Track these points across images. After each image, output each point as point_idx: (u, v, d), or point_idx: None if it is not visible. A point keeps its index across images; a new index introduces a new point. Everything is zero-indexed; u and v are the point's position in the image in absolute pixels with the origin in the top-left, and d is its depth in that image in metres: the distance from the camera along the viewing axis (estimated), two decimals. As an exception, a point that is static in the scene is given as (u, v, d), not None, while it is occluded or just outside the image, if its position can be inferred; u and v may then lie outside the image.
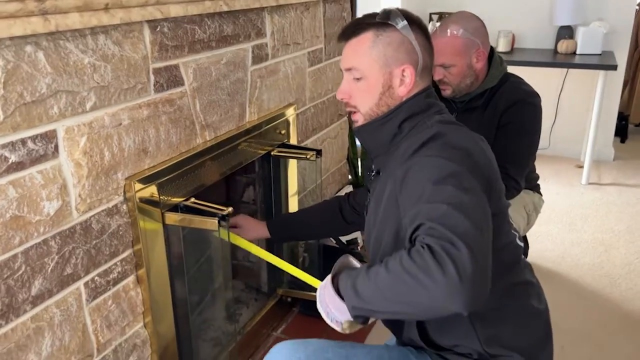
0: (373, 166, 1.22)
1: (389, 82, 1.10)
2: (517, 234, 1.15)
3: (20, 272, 0.97)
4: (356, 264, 1.07)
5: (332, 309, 1.00)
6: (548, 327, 1.16)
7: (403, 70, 1.10)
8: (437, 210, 0.89)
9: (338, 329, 1.02)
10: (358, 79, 1.12)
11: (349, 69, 1.13)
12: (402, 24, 1.09)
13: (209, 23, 1.35)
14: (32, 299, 1.00)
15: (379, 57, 1.09)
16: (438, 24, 2.54)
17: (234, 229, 1.49)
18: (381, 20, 1.10)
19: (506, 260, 1.09)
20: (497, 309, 1.07)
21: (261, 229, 1.56)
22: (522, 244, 1.17)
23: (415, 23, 1.11)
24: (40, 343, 1.03)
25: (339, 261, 1.07)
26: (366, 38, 1.10)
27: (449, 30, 1.69)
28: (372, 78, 1.11)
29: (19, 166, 0.94)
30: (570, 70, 3.55)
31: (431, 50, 1.14)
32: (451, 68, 1.70)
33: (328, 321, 1.02)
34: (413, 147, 1.03)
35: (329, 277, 1.04)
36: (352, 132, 2.55)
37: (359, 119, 1.16)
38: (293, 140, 1.85)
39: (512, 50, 3.57)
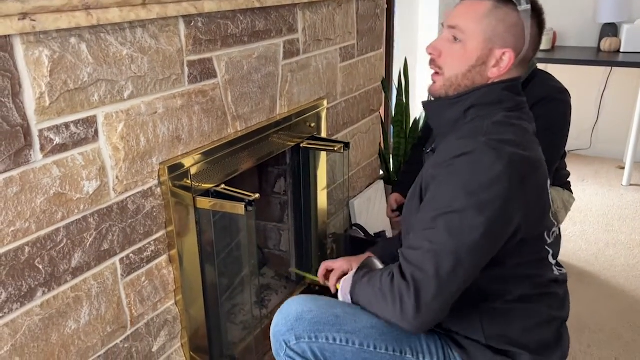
0: (433, 145, 1.20)
1: (484, 59, 1.06)
2: (550, 252, 1.14)
3: (62, 245, 1.07)
4: (379, 265, 1.21)
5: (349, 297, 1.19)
6: (561, 332, 1.15)
7: (503, 53, 1.05)
8: (417, 244, 1.01)
9: None
10: (457, 40, 1.07)
11: (452, 27, 1.07)
12: (524, 6, 1.04)
13: (241, 19, 1.42)
14: (72, 270, 1.10)
15: (487, 29, 1.05)
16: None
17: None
18: None
19: (528, 273, 1.10)
20: (507, 311, 1.09)
21: None
22: (554, 262, 1.15)
23: (536, 13, 1.07)
24: (79, 311, 1.12)
25: (364, 261, 1.24)
26: (484, 5, 1.05)
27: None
28: (471, 46, 1.06)
29: (62, 148, 1.03)
30: (614, 68, 3.47)
31: (538, 45, 1.10)
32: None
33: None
34: (453, 153, 1.01)
35: (352, 272, 1.21)
36: (385, 127, 2.59)
37: (438, 82, 1.11)
38: (323, 134, 1.91)
39: (554, 48, 3.51)
